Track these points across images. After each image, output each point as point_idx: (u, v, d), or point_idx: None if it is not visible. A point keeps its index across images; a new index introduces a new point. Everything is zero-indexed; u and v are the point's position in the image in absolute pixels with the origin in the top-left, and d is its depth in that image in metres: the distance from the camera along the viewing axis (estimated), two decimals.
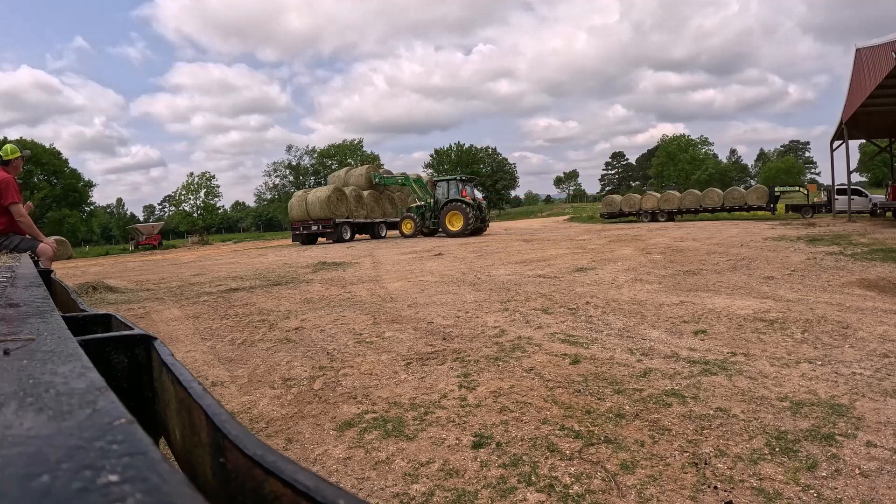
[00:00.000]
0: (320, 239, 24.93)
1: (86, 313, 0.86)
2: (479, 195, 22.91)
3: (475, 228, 22.13)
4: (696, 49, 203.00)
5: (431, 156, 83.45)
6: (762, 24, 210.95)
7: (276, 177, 74.94)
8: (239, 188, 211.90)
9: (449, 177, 24.01)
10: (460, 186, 22.74)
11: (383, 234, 26.46)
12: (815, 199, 29.75)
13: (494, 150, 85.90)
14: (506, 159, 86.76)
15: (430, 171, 79.40)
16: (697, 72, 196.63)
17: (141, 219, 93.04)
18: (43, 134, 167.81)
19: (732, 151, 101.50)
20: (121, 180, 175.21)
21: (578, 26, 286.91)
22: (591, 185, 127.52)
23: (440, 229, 22.55)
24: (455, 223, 21.91)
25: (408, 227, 23.84)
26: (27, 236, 4.97)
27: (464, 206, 21.80)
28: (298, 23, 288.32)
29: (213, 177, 70.89)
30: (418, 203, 24.26)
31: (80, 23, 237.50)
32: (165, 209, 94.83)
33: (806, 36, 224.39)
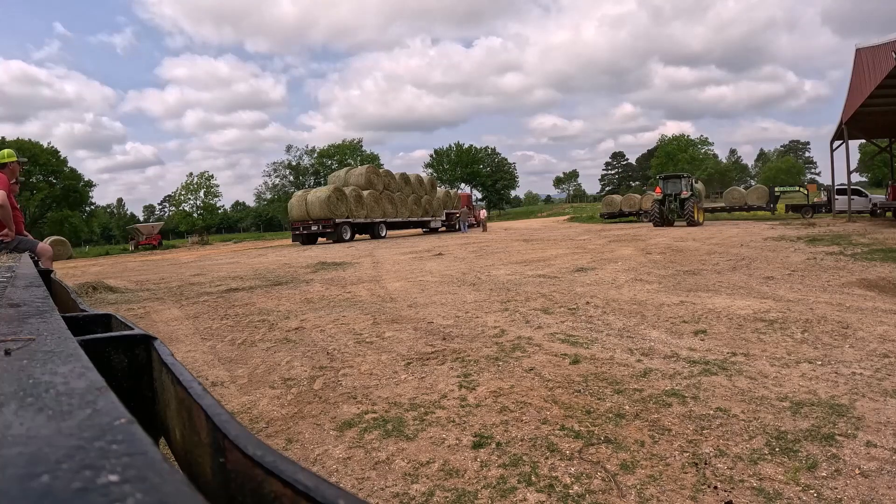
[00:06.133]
0: (320, 239, 24.94)
1: (86, 313, 0.86)
2: (681, 189, 24.06)
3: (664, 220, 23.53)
4: (714, 41, 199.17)
5: (431, 155, 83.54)
6: (785, 11, 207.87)
7: (276, 177, 74.97)
8: (238, 188, 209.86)
9: (663, 175, 26.31)
10: (663, 183, 25.01)
11: (383, 234, 26.47)
12: (815, 199, 29.75)
13: (494, 149, 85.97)
14: (505, 159, 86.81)
15: (429, 170, 79.43)
16: (713, 68, 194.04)
17: (141, 219, 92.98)
18: (31, 131, 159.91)
19: (732, 151, 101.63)
20: (115, 180, 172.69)
21: (591, 16, 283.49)
22: (592, 185, 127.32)
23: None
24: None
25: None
26: (27, 236, 4.96)
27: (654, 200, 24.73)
28: (292, 9, 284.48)
29: (213, 177, 71.03)
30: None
31: (57, 8, 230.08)
32: (165, 209, 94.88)
33: (825, 28, 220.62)
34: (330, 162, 70.78)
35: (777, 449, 2.35)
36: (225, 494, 0.36)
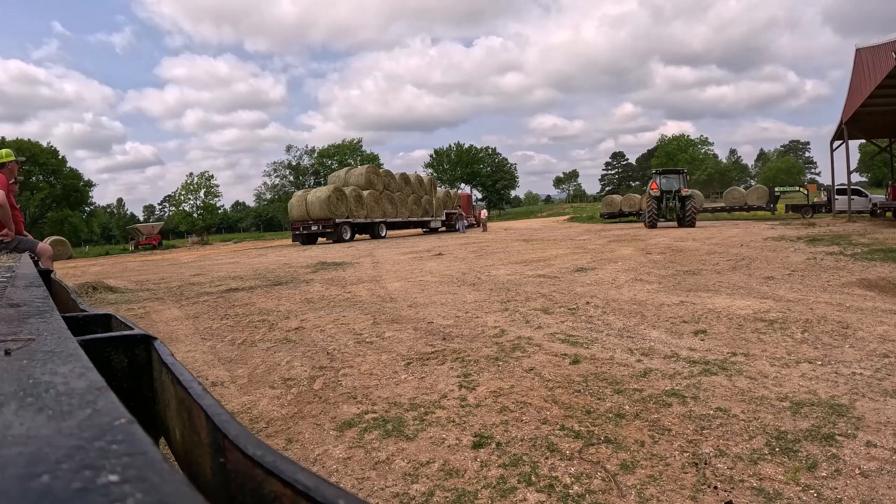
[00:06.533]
0: (320, 239, 24.94)
1: (86, 313, 0.86)
2: (680, 186, 22.17)
3: (681, 220, 21.57)
4: (715, 41, 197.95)
5: (431, 155, 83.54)
6: (786, 11, 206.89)
7: (276, 177, 75.05)
8: (238, 188, 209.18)
9: (659, 169, 24.35)
10: (659, 178, 23.01)
11: (383, 234, 26.48)
12: (815, 199, 29.77)
13: (494, 150, 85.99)
14: (506, 159, 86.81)
15: (429, 170, 79.43)
16: (713, 67, 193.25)
17: (141, 219, 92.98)
18: (30, 131, 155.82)
19: (732, 151, 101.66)
20: (115, 180, 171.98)
21: (591, 15, 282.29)
22: (592, 185, 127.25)
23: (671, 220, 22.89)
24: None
25: None
26: (27, 236, 4.96)
27: (650, 197, 22.50)
28: (292, 9, 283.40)
29: (213, 177, 71.15)
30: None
31: (56, 7, 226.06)
32: (165, 209, 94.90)
33: (825, 28, 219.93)
34: (330, 162, 70.83)
35: (777, 449, 2.35)
36: (225, 494, 0.36)
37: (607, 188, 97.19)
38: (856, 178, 35.73)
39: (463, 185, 78.27)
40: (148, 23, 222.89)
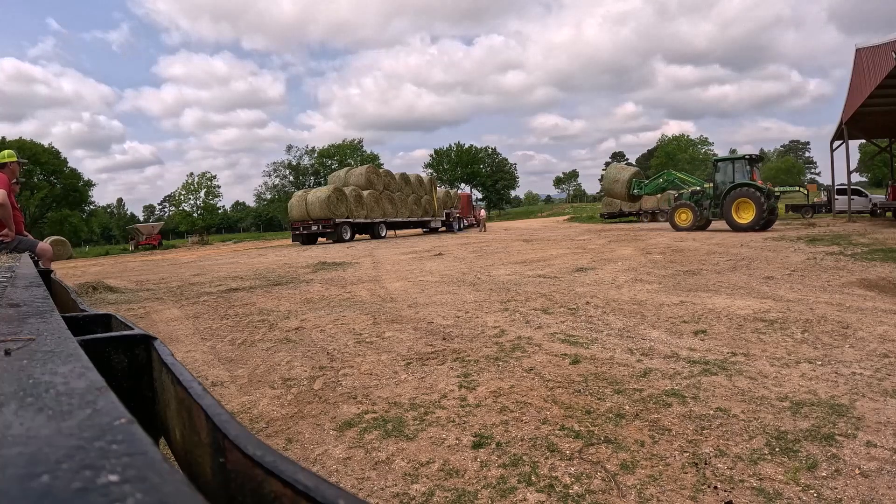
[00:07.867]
0: (320, 239, 24.96)
1: (86, 313, 0.86)
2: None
3: (766, 221, 17.02)
4: (718, 39, 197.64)
5: (431, 155, 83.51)
6: (791, 9, 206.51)
7: (276, 177, 75.08)
8: (238, 188, 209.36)
9: (734, 156, 18.54)
10: (749, 168, 17.60)
11: (383, 234, 26.49)
12: (815, 200, 29.74)
13: (494, 149, 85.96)
14: (506, 159, 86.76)
15: (429, 170, 79.39)
16: (716, 66, 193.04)
17: (141, 219, 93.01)
18: (28, 130, 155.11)
19: (732, 151, 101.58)
20: (114, 179, 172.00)
21: (594, 13, 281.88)
22: (592, 185, 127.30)
23: (720, 220, 17.81)
24: (744, 214, 17.01)
25: (683, 218, 18.72)
26: (27, 236, 4.96)
27: (756, 192, 16.79)
28: (291, 6, 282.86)
29: (214, 177, 71.17)
30: (693, 189, 19.45)
31: (51, 3, 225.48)
32: (165, 209, 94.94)
33: (830, 26, 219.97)
34: (330, 162, 70.86)
35: (777, 449, 2.35)
36: (225, 494, 0.36)
37: None
38: (856, 178, 35.76)
39: (463, 185, 78.29)
40: (145, 20, 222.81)
